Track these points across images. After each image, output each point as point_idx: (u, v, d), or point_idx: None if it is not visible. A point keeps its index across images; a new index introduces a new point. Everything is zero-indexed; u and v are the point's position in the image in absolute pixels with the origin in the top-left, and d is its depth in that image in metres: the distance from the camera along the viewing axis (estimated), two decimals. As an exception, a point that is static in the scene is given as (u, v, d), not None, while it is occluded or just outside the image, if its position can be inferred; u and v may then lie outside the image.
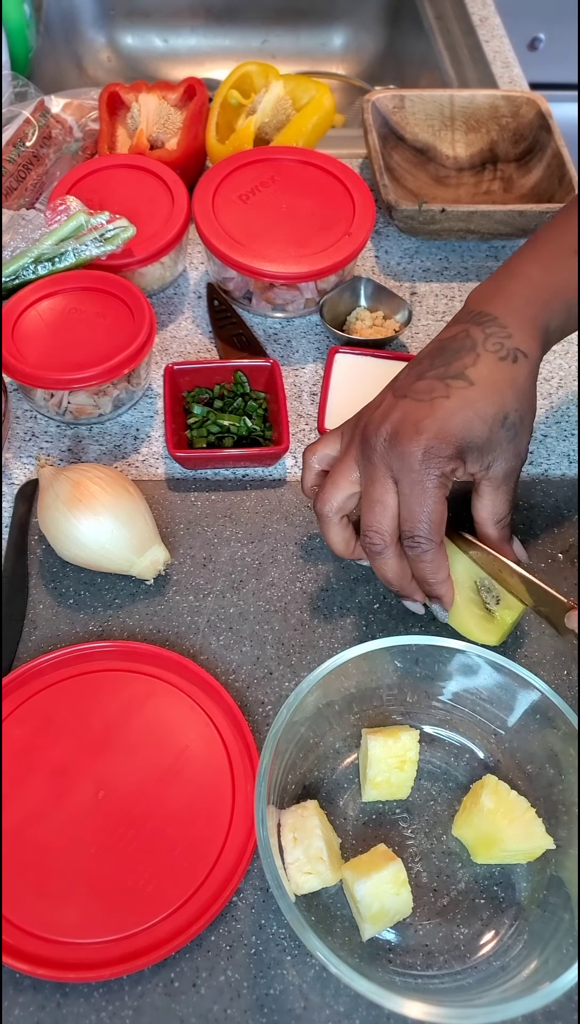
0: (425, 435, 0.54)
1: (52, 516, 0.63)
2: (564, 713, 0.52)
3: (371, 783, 0.54)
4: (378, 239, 0.91)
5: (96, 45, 1.29)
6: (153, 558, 0.63)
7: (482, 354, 0.57)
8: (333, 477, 0.59)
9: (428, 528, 0.55)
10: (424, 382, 0.57)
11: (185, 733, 0.57)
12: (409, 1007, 0.44)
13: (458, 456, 0.55)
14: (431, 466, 0.54)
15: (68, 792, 0.55)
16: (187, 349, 0.81)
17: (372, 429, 0.57)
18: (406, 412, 0.56)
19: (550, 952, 0.48)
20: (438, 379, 0.56)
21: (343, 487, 0.58)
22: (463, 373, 0.56)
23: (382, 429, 0.56)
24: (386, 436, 0.56)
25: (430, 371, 0.57)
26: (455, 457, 0.55)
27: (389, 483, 0.56)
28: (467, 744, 0.58)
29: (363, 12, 1.29)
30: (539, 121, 0.91)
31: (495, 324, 0.58)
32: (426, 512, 0.55)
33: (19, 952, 0.50)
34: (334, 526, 0.60)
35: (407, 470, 0.55)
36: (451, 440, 0.55)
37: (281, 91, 0.93)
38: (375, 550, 0.57)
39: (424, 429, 0.55)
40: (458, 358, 0.57)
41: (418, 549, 0.56)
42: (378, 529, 0.56)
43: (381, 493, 0.56)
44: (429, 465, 0.54)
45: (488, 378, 0.56)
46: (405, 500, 0.55)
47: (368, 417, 0.58)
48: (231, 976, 0.50)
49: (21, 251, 0.76)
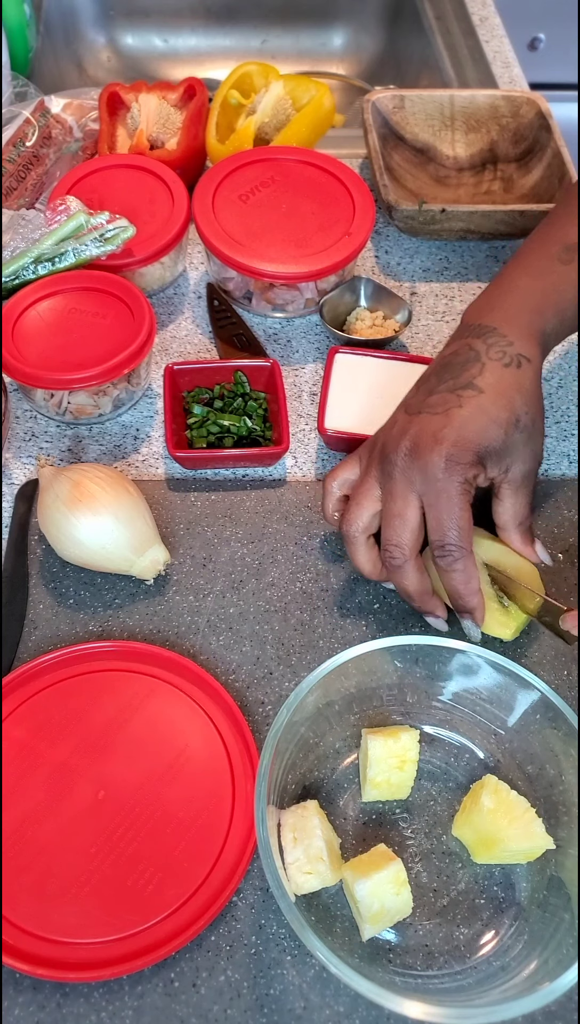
0: (444, 444, 0.55)
1: (52, 516, 0.63)
2: (564, 713, 0.52)
3: (371, 783, 0.54)
4: (378, 239, 0.91)
5: (96, 45, 1.29)
6: (153, 558, 0.63)
7: (487, 363, 0.58)
8: (355, 498, 0.60)
9: (457, 535, 0.56)
10: (436, 396, 0.58)
11: (185, 733, 0.57)
12: (409, 1007, 0.44)
13: (479, 462, 0.57)
14: (454, 474, 0.55)
15: (68, 792, 0.55)
16: (187, 349, 0.81)
17: (391, 446, 0.58)
18: (422, 426, 0.57)
19: (550, 952, 0.48)
20: (449, 391, 0.58)
21: (367, 507, 0.59)
22: (472, 383, 0.58)
23: (401, 445, 0.57)
24: (406, 451, 0.57)
25: (440, 386, 0.58)
26: (476, 463, 0.56)
27: (411, 497, 0.57)
28: (467, 744, 0.58)
29: (363, 12, 1.29)
30: (539, 121, 0.91)
31: (495, 334, 0.60)
32: (454, 520, 0.56)
33: (19, 952, 0.50)
34: (361, 547, 0.61)
35: (430, 480, 0.56)
36: (470, 447, 0.56)
37: (281, 91, 0.93)
38: (395, 563, 0.58)
39: (443, 439, 0.56)
40: (465, 370, 0.58)
41: (449, 558, 0.56)
42: (398, 542, 0.57)
43: (402, 507, 0.57)
44: (452, 473, 0.55)
45: (496, 385, 0.57)
46: (431, 510, 0.56)
47: (385, 437, 0.59)
48: (231, 976, 0.50)
49: (21, 251, 0.76)
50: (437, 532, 0.56)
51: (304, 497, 0.70)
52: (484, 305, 0.62)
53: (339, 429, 0.71)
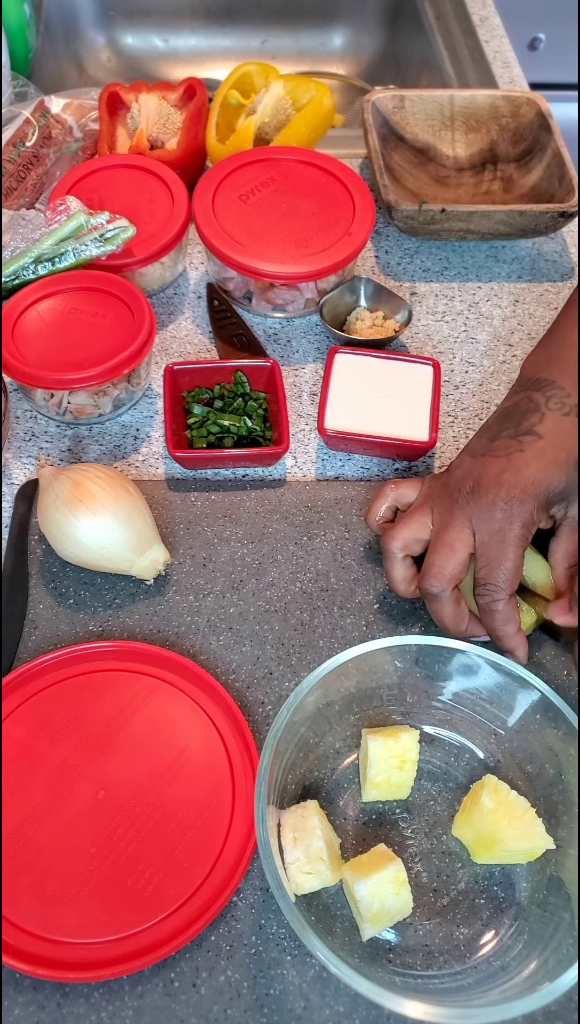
0: (506, 487, 0.57)
1: (52, 516, 0.63)
2: (564, 713, 0.52)
3: (371, 783, 0.54)
4: (378, 239, 0.91)
5: (96, 45, 1.29)
6: (153, 558, 0.63)
7: (546, 413, 0.60)
8: (407, 517, 0.61)
9: (504, 577, 0.57)
10: (499, 442, 0.60)
11: (185, 733, 0.57)
12: (409, 1007, 0.44)
13: (543, 507, 0.58)
14: (513, 517, 0.57)
15: (68, 792, 0.55)
16: (187, 349, 0.81)
17: (455, 483, 0.60)
18: (486, 467, 0.59)
19: (550, 952, 0.48)
20: (510, 437, 0.60)
21: (414, 528, 0.61)
22: (532, 430, 0.60)
23: (465, 483, 0.59)
24: (468, 489, 0.58)
25: (502, 432, 0.61)
26: (541, 508, 0.58)
27: (465, 531, 0.58)
28: (467, 744, 0.58)
29: (363, 12, 1.29)
30: (539, 121, 0.91)
31: (554, 387, 0.62)
32: (504, 562, 0.57)
33: (19, 952, 0.50)
34: (398, 563, 0.61)
35: (488, 519, 0.57)
36: (532, 491, 0.57)
37: (281, 91, 0.93)
38: (433, 592, 0.58)
39: (505, 481, 0.57)
40: (526, 419, 0.61)
41: (489, 598, 0.57)
42: (440, 571, 0.58)
43: (453, 538, 0.58)
44: (511, 516, 0.57)
45: (555, 430, 0.60)
46: (483, 548, 0.57)
47: (450, 475, 0.61)
48: (231, 976, 0.50)
49: (21, 251, 0.76)
50: (484, 570, 0.57)
51: (304, 497, 0.70)
52: (542, 358, 0.65)
53: (339, 429, 0.71)
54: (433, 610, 0.59)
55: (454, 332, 0.83)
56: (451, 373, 0.80)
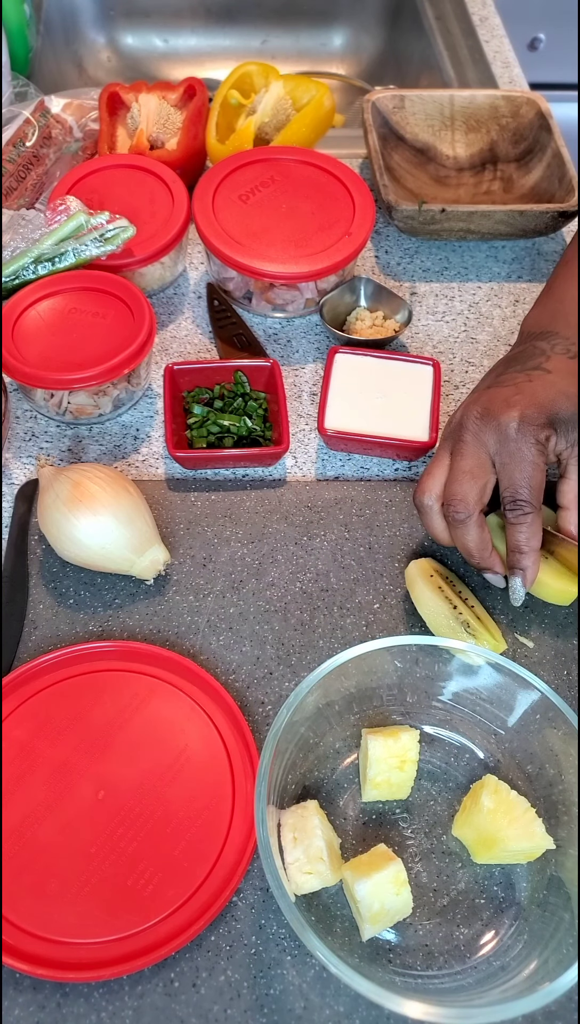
0: (517, 407, 0.58)
1: (52, 516, 0.63)
2: (564, 713, 0.52)
3: (371, 783, 0.54)
4: (378, 239, 0.91)
5: (96, 45, 1.29)
6: (153, 558, 0.63)
7: (552, 355, 0.61)
8: (429, 469, 0.62)
9: (529, 492, 0.57)
10: (506, 375, 0.61)
11: (185, 733, 0.57)
12: (409, 1007, 0.44)
13: (550, 424, 0.58)
14: (527, 433, 0.57)
15: (68, 792, 0.55)
16: (187, 349, 0.81)
17: (463, 415, 0.60)
18: (494, 395, 0.60)
19: (550, 952, 0.48)
20: (518, 372, 0.61)
21: (438, 476, 0.61)
22: (540, 366, 0.61)
23: (472, 411, 0.59)
24: (477, 415, 0.59)
25: (508, 370, 0.61)
26: (548, 425, 0.58)
27: (482, 456, 0.58)
28: (467, 744, 0.58)
29: (363, 12, 1.29)
30: (539, 121, 0.91)
31: (557, 337, 0.63)
32: (526, 477, 0.57)
33: (19, 952, 0.50)
34: (434, 515, 0.62)
35: (504, 440, 0.58)
36: (542, 409, 0.58)
37: (281, 91, 0.93)
38: (458, 518, 0.59)
39: (515, 403, 0.58)
40: (532, 359, 0.61)
41: (518, 511, 0.58)
42: (462, 497, 0.58)
43: (471, 464, 0.59)
44: (525, 432, 0.57)
45: (563, 368, 0.60)
46: (504, 469, 0.58)
47: (457, 412, 0.61)
48: (231, 976, 0.50)
49: (21, 251, 0.76)
50: (509, 489, 0.58)
51: (304, 497, 0.70)
52: (543, 315, 0.65)
53: (339, 429, 0.71)
54: (458, 537, 0.60)
55: (454, 332, 0.83)
56: (451, 373, 0.80)
